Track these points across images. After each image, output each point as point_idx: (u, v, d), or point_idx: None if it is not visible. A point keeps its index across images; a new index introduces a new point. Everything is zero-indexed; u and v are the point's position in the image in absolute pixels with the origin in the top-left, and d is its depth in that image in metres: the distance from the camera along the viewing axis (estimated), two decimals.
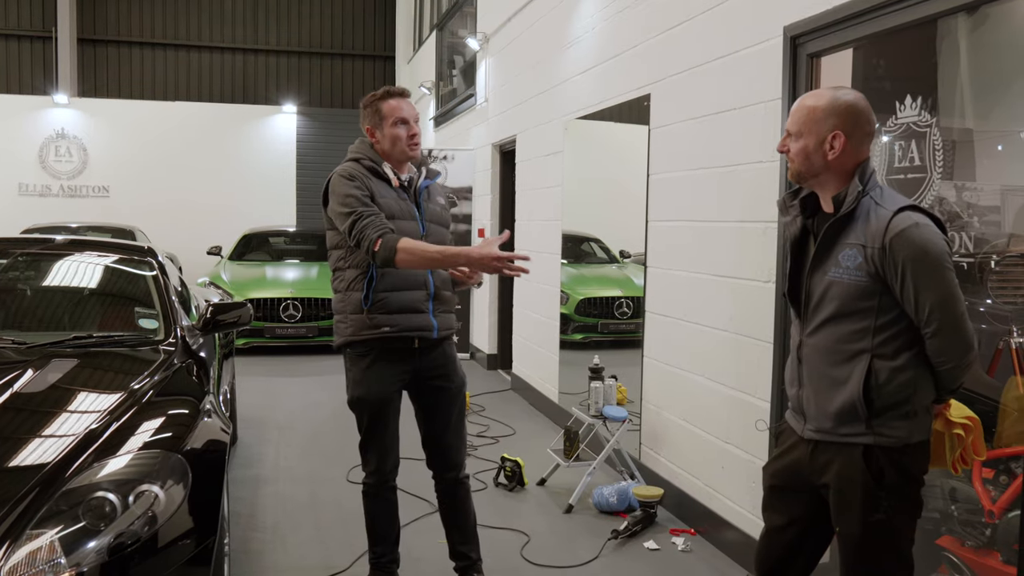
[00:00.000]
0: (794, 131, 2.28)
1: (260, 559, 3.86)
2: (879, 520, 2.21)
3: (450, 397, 3.32)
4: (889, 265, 2.14)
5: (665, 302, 4.67)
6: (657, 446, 4.76)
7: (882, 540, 2.23)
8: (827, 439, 2.28)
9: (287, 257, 11.49)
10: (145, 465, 2.54)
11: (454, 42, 11.73)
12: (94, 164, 15.32)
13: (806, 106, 2.27)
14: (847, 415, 2.23)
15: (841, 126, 2.22)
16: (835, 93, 2.27)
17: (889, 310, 2.19)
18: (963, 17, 2.80)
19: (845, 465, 2.24)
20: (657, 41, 4.78)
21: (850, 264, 2.20)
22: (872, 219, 2.17)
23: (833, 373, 2.25)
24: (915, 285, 2.12)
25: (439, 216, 3.31)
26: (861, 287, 2.19)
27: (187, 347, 3.71)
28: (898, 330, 2.19)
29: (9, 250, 4.28)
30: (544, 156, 6.93)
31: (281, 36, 17.49)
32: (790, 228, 2.43)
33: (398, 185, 3.22)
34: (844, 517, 2.27)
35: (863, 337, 2.21)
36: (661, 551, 4.05)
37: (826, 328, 2.27)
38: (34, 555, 2.18)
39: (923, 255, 2.11)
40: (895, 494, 2.21)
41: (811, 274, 2.30)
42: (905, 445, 2.21)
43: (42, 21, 16.43)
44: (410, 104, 3.25)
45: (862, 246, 2.18)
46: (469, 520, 3.42)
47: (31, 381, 3.05)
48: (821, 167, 2.26)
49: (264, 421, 6.44)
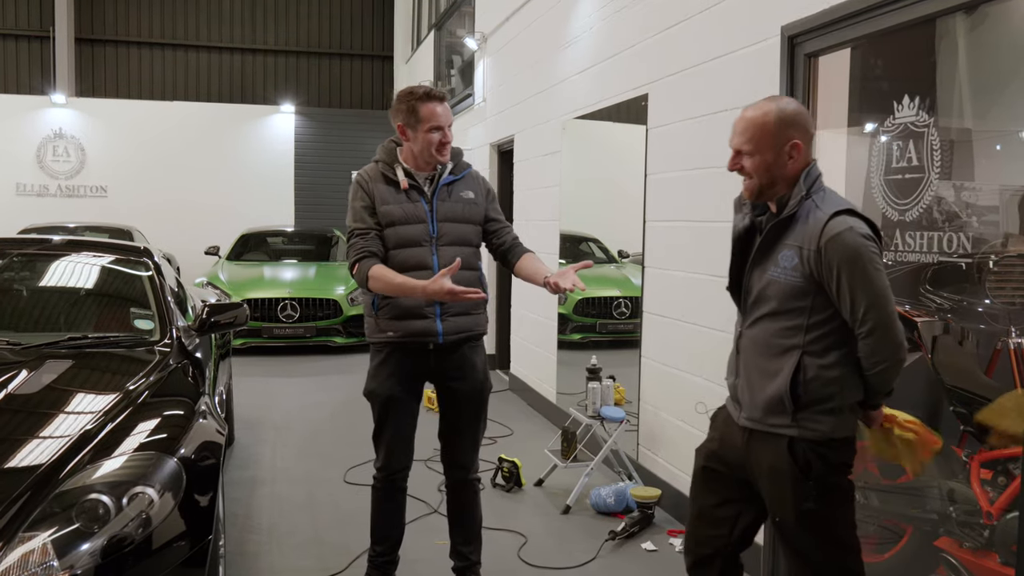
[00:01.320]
0: (746, 149, 2.33)
1: (256, 561, 3.85)
2: (810, 509, 2.30)
3: (463, 399, 3.31)
4: (824, 267, 2.22)
5: (663, 302, 4.66)
6: (655, 447, 4.75)
7: (817, 528, 2.33)
8: (758, 428, 2.39)
9: (285, 257, 11.47)
10: (139, 467, 2.52)
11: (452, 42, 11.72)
12: (92, 164, 15.29)
13: (754, 122, 2.32)
14: (775, 407, 2.33)
15: (796, 135, 2.29)
16: (778, 104, 2.34)
17: (821, 310, 2.28)
18: (961, 16, 2.79)
19: (774, 456, 2.35)
20: (655, 41, 4.77)
21: (787, 264, 2.29)
22: (810, 221, 2.25)
23: (765, 365, 2.36)
24: (850, 286, 2.20)
25: (459, 213, 3.24)
26: (796, 287, 2.28)
27: (183, 348, 3.69)
28: (829, 330, 2.29)
29: (5, 250, 4.27)
30: (542, 156, 6.91)
31: (279, 36, 17.47)
32: (737, 224, 2.51)
33: (406, 187, 3.21)
34: (779, 507, 2.38)
35: (795, 334, 2.30)
36: (659, 552, 4.04)
37: (763, 323, 2.38)
38: (27, 557, 2.16)
39: (856, 258, 2.18)
40: (822, 484, 2.30)
41: (752, 270, 2.41)
42: (829, 439, 2.31)
43: (40, 20, 16.40)
44: (447, 109, 3.22)
45: (799, 247, 2.26)
46: (473, 522, 3.42)
47: (25, 382, 3.04)
48: (780, 177, 2.32)
49: (261, 422, 6.43)
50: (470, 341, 3.28)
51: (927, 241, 2.89)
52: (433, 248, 3.20)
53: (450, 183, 3.27)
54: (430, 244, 3.20)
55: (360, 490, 4.84)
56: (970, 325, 2.88)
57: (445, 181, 3.25)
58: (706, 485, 2.58)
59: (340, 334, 9.61)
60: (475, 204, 3.29)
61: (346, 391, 7.69)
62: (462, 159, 3.34)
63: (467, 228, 3.27)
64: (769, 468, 2.36)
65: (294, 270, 10.60)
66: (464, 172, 3.32)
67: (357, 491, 4.82)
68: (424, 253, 3.19)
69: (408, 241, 3.19)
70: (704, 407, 3.63)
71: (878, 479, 3.19)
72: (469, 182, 3.32)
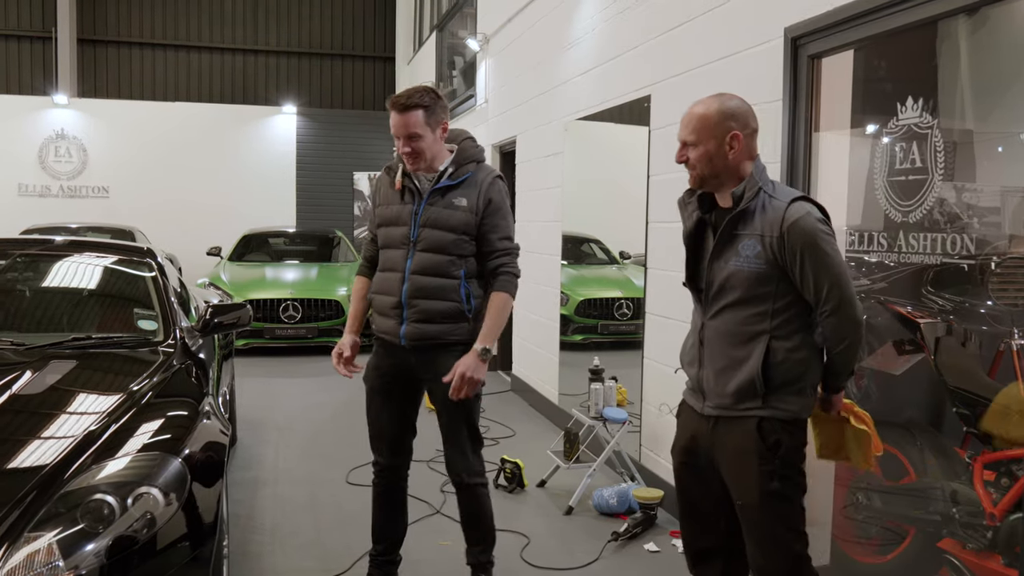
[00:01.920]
0: (691, 140, 2.46)
1: (259, 561, 3.85)
2: (775, 490, 2.39)
3: (440, 403, 3.27)
4: (787, 252, 2.33)
5: (665, 303, 4.66)
6: (657, 448, 4.75)
7: (780, 511, 2.41)
8: (726, 414, 2.46)
9: (287, 258, 11.48)
10: (144, 467, 2.52)
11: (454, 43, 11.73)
12: (94, 165, 15.31)
13: (697, 115, 2.44)
14: (745, 392, 2.41)
15: (736, 127, 2.40)
16: (720, 99, 2.46)
17: (785, 295, 2.39)
18: (963, 18, 2.80)
19: (741, 438, 2.42)
20: (658, 42, 4.78)
21: (750, 253, 2.38)
22: (768, 210, 2.37)
23: (733, 353, 2.44)
24: (813, 269, 2.31)
25: (442, 220, 3.16)
26: (760, 274, 2.38)
27: (186, 348, 3.70)
28: (793, 314, 2.40)
29: (8, 251, 4.27)
30: (544, 157, 6.92)
31: (281, 37, 17.48)
32: (686, 223, 2.60)
33: (398, 188, 3.23)
34: (742, 489, 2.44)
35: (762, 320, 2.40)
36: (661, 553, 4.05)
37: (727, 312, 2.45)
38: (32, 557, 2.17)
39: (815, 241, 2.30)
40: (786, 464, 2.40)
41: (712, 263, 2.48)
42: (796, 419, 2.42)
43: (42, 21, 16.42)
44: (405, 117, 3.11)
45: (760, 236, 2.36)
46: (476, 524, 3.37)
47: (30, 383, 3.04)
48: (722, 168, 2.43)
49: (263, 422, 6.43)
50: (445, 347, 3.19)
51: (930, 243, 2.89)
52: (410, 252, 3.18)
53: (444, 188, 3.19)
54: (408, 247, 3.18)
55: (362, 491, 4.84)
56: (973, 326, 2.89)
57: (439, 186, 3.19)
58: (687, 482, 2.65)
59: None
60: (463, 211, 3.16)
61: (348, 392, 7.68)
62: (470, 163, 3.24)
63: (445, 236, 3.15)
64: (734, 449, 2.44)
65: (296, 271, 10.60)
66: (463, 178, 3.20)
67: (359, 492, 4.83)
68: (399, 256, 3.20)
69: (390, 242, 3.25)
70: (668, 408, 3.64)
71: (880, 480, 3.19)
72: (466, 188, 3.19)
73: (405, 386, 3.35)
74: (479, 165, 3.27)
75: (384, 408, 3.36)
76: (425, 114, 3.10)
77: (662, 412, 3.68)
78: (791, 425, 2.41)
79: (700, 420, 2.55)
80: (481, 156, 3.31)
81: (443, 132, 3.20)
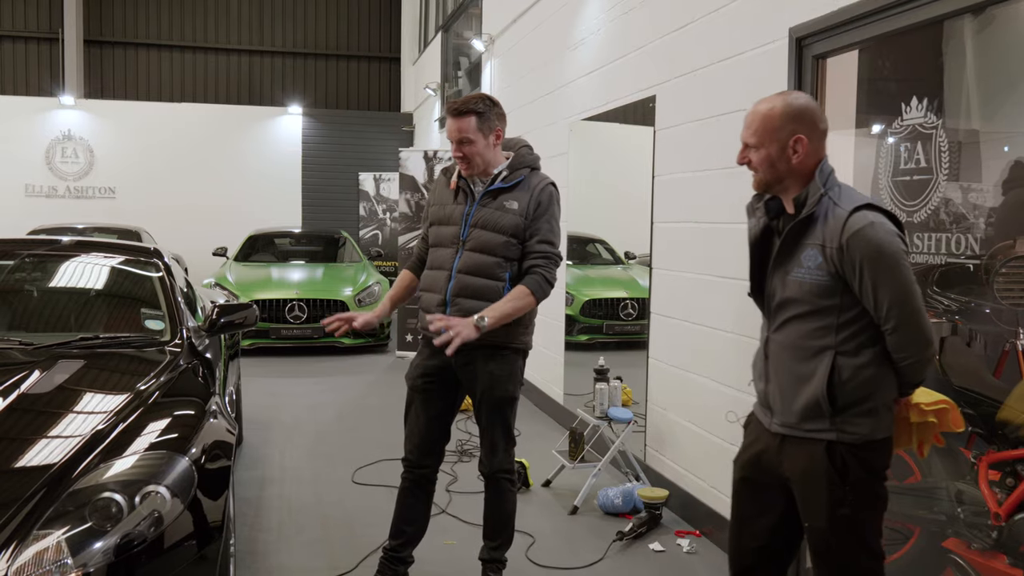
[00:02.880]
0: (753, 142, 2.32)
1: (265, 560, 3.87)
2: (845, 515, 2.26)
3: (474, 400, 3.36)
4: (847, 264, 2.19)
5: (671, 303, 4.67)
6: (662, 448, 4.75)
7: (850, 534, 2.29)
8: (793, 434, 2.34)
9: (292, 258, 11.50)
10: (151, 466, 2.54)
11: (459, 43, 11.75)
12: (100, 165, 15.36)
13: (760, 115, 2.31)
14: (811, 411, 2.28)
15: (800, 129, 2.27)
16: (786, 98, 2.31)
17: (850, 308, 2.24)
18: (969, 18, 2.80)
19: (810, 460, 2.30)
20: (662, 43, 4.78)
21: (811, 264, 2.25)
22: (830, 219, 2.23)
23: (798, 369, 2.31)
24: (873, 283, 2.17)
25: (492, 221, 3.22)
26: (823, 286, 2.25)
27: (193, 348, 3.71)
28: (860, 327, 2.25)
29: (16, 251, 4.29)
30: (549, 157, 6.90)
31: (287, 37, 17.53)
32: (752, 229, 2.48)
33: (453, 188, 3.34)
34: (811, 513, 2.33)
35: (826, 334, 2.26)
36: (666, 553, 4.05)
37: (790, 325, 2.33)
38: (41, 555, 2.18)
39: (878, 254, 2.16)
40: (859, 489, 2.26)
41: (773, 273, 2.37)
42: (868, 441, 2.26)
43: (48, 23, 16.49)
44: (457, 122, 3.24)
45: (821, 246, 2.23)
46: (494, 517, 3.45)
47: (38, 382, 3.06)
48: (786, 172, 2.30)
49: (269, 422, 6.45)
50: (484, 350, 3.25)
51: (935, 242, 2.89)
52: (459, 251, 3.26)
53: (497, 190, 3.27)
54: (457, 247, 3.26)
55: (369, 490, 4.86)
56: (978, 326, 2.89)
57: (492, 188, 3.27)
58: (745, 495, 2.53)
59: (347, 335, 9.63)
60: (513, 215, 3.22)
61: (354, 392, 7.72)
62: (524, 168, 3.30)
63: (495, 237, 3.21)
64: (803, 472, 2.32)
65: (302, 271, 10.62)
66: (516, 180, 3.26)
67: (365, 491, 4.84)
68: (448, 255, 3.28)
69: (440, 241, 3.34)
70: (735, 416, 3.61)
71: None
72: (518, 192, 3.25)
73: (445, 388, 3.38)
74: (533, 171, 3.32)
75: (421, 408, 3.39)
76: (478, 120, 3.20)
77: (728, 420, 3.65)
78: (861, 449, 2.26)
79: (768, 436, 2.43)
80: (536, 163, 3.37)
81: (497, 139, 3.27)
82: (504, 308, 3.15)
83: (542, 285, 3.20)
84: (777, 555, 2.50)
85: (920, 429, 2.39)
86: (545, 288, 3.21)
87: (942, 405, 2.36)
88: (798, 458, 2.33)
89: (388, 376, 8.48)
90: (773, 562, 2.51)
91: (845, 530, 2.27)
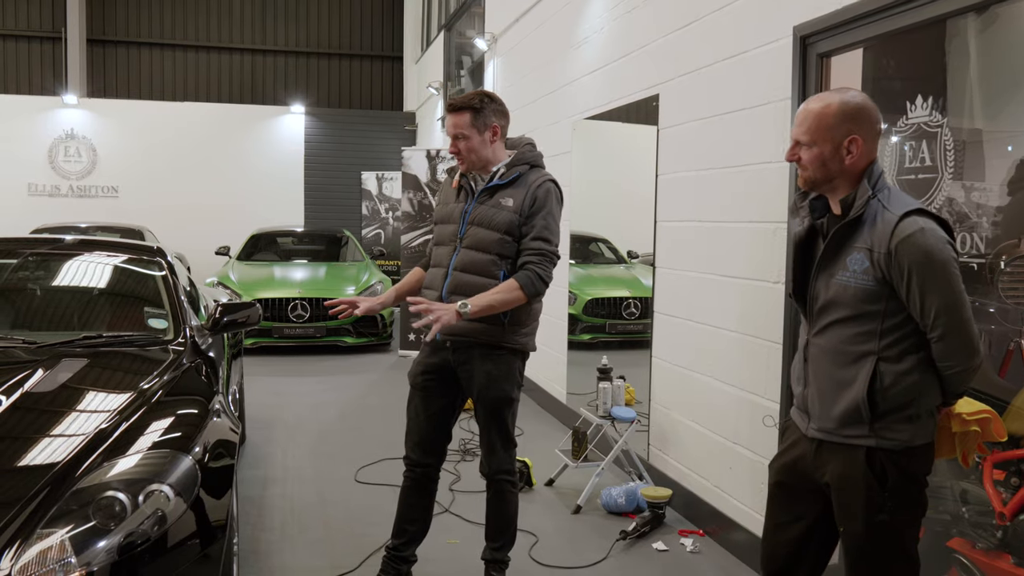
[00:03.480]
0: (805, 140, 2.26)
1: (268, 559, 3.87)
2: (883, 521, 2.22)
3: (473, 400, 3.36)
4: (895, 269, 2.14)
5: (674, 303, 4.66)
6: (665, 447, 4.75)
7: (886, 540, 2.24)
8: (831, 439, 2.30)
9: (295, 257, 11.51)
10: (155, 465, 2.54)
11: (462, 42, 11.75)
12: (103, 164, 15.38)
13: (815, 113, 2.25)
14: (851, 417, 2.24)
15: (857, 130, 2.21)
16: (843, 96, 2.25)
17: (895, 313, 2.20)
18: (973, 17, 2.79)
19: (848, 466, 2.26)
20: (666, 41, 4.78)
21: (857, 268, 2.20)
22: (879, 223, 2.17)
23: (838, 374, 2.26)
24: (921, 289, 2.12)
25: (487, 218, 3.22)
26: (868, 291, 2.19)
27: (196, 347, 3.71)
28: (904, 333, 2.20)
29: (19, 250, 4.30)
30: (552, 156, 6.89)
31: (289, 37, 17.54)
32: (796, 229, 2.42)
33: (455, 187, 3.37)
34: (848, 518, 2.28)
35: (869, 339, 2.21)
36: (670, 552, 4.05)
37: (832, 329, 2.28)
38: (45, 554, 2.18)
39: (928, 260, 2.11)
40: (898, 495, 2.22)
41: (817, 275, 2.31)
42: (907, 448, 2.23)
43: (51, 22, 16.50)
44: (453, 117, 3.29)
45: (869, 250, 2.18)
46: (494, 518, 3.44)
47: (41, 380, 3.06)
48: (837, 172, 2.25)
49: (272, 421, 6.45)
50: (482, 349, 3.25)
51: None
52: (456, 248, 3.27)
53: (494, 187, 3.27)
54: (455, 244, 3.27)
55: (371, 489, 4.85)
56: (982, 325, 2.87)
57: (490, 185, 3.28)
58: (780, 500, 2.50)
59: (350, 334, 9.64)
60: (508, 212, 3.21)
61: (356, 391, 7.72)
62: (522, 165, 3.29)
63: (489, 234, 3.21)
64: (841, 477, 2.28)
65: (304, 270, 10.63)
66: (511, 178, 3.26)
67: (368, 490, 4.84)
68: (446, 252, 3.31)
69: (440, 239, 3.37)
70: (771, 420, 3.60)
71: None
72: (515, 189, 3.25)
73: (445, 386, 3.38)
74: (533, 168, 3.32)
75: (421, 405, 3.40)
76: (472, 116, 3.23)
77: (766, 424, 3.63)
78: (902, 456, 2.22)
79: (805, 442, 2.39)
80: (535, 160, 3.35)
81: (493, 135, 3.28)
82: (489, 298, 3.12)
83: (533, 281, 3.16)
84: (810, 560, 2.47)
85: (963, 439, 2.34)
86: (537, 285, 3.17)
87: (984, 415, 2.32)
88: (836, 463, 2.29)
89: (391, 375, 8.48)
90: (806, 567, 2.48)
91: (882, 536, 2.24)
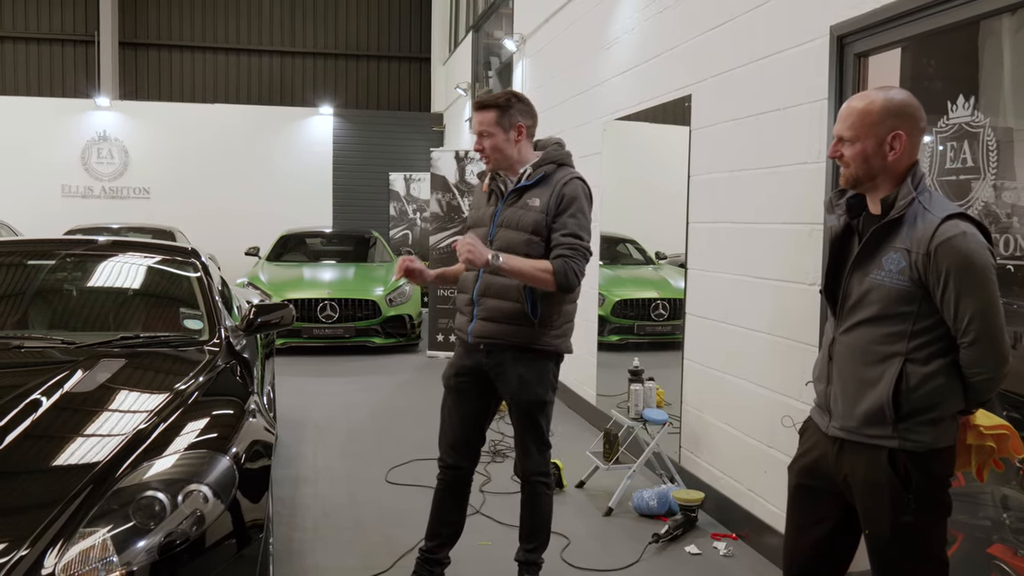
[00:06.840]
0: (848, 136, 2.25)
1: (301, 559, 3.89)
2: (908, 523, 2.21)
3: (507, 402, 3.36)
4: (932, 272, 2.14)
5: (706, 304, 4.63)
6: (697, 449, 4.72)
7: (912, 542, 2.24)
8: (852, 438, 2.29)
9: (324, 258, 11.57)
10: (192, 465, 2.55)
11: (490, 43, 11.75)
12: (135, 166, 15.56)
13: (858, 109, 2.24)
14: (874, 416, 2.23)
15: (900, 126, 2.20)
16: (886, 93, 2.25)
17: (927, 316, 2.19)
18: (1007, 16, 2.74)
19: (871, 469, 2.25)
20: (698, 42, 4.75)
21: (893, 268, 2.19)
22: (919, 224, 2.16)
23: (864, 374, 2.26)
24: (957, 293, 2.12)
25: (515, 220, 3.21)
26: (903, 291, 2.19)
27: (231, 348, 3.74)
28: (934, 336, 2.20)
29: (55, 251, 4.35)
30: (582, 157, 6.89)
31: (317, 38, 17.65)
32: (833, 226, 2.42)
33: (485, 191, 3.38)
34: (873, 520, 2.27)
35: (898, 340, 2.21)
36: (703, 556, 4.02)
37: (861, 328, 2.27)
38: (87, 553, 2.20)
39: (968, 264, 2.10)
40: (922, 497, 2.21)
41: (851, 274, 2.30)
42: (931, 450, 2.22)
43: (84, 25, 16.72)
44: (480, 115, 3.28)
45: (907, 251, 2.17)
46: (529, 520, 3.43)
47: (81, 381, 3.09)
48: (879, 169, 2.24)
49: (302, 421, 6.49)
50: (514, 351, 3.24)
51: None
52: None
53: (522, 188, 3.26)
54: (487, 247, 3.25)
55: (402, 490, 4.87)
56: (1022, 328, 2.83)
57: (518, 186, 3.26)
58: (801, 502, 2.49)
59: (379, 335, 9.67)
60: (535, 212, 3.19)
61: (386, 391, 7.74)
62: (548, 164, 3.27)
63: (517, 235, 3.19)
64: (864, 480, 2.27)
65: (333, 271, 10.68)
66: (538, 177, 3.24)
67: (399, 491, 4.85)
68: None
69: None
70: (790, 420, 3.57)
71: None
72: (541, 188, 3.23)
73: (479, 389, 3.37)
74: (560, 167, 3.29)
75: (454, 408, 3.41)
76: (498, 114, 3.22)
77: (784, 425, 3.61)
78: (923, 458, 2.21)
79: (826, 442, 2.38)
80: (563, 159, 3.32)
81: (518, 135, 3.25)
82: (523, 263, 3.10)
83: (566, 271, 3.11)
84: (833, 562, 2.46)
85: (979, 452, 2.31)
86: (568, 275, 3.12)
87: (1002, 431, 2.29)
88: (858, 465, 2.28)
89: (419, 376, 8.50)
90: (829, 569, 2.47)
91: (908, 538, 2.23)
